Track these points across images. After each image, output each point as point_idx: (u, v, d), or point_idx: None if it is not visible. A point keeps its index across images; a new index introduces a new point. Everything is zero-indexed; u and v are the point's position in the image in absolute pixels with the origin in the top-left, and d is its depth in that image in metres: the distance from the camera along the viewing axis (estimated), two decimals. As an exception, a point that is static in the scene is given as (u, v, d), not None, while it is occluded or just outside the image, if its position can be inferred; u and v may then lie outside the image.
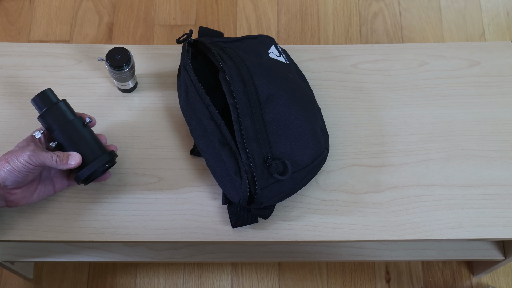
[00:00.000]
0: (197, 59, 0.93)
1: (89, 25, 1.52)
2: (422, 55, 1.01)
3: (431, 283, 1.29)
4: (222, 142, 0.84)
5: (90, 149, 0.83)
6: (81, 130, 0.84)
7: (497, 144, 0.94)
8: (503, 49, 1.02)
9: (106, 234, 0.88)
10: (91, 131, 0.86)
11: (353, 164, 0.93)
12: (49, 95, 0.84)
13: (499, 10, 1.57)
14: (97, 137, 0.86)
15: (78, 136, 0.83)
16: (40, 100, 0.84)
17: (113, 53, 0.90)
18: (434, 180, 0.92)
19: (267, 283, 1.29)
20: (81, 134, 0.84)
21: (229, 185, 0.84)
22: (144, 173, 0.92)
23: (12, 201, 0.82)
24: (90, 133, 0.85)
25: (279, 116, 0.85)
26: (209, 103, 0.85)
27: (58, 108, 0.84)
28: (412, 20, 1.55)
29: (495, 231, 0.89)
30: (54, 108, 0.83)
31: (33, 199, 0.84)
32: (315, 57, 1.01)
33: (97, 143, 0.85)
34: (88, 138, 0.84)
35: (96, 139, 0.86)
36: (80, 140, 0.83)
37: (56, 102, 0.84)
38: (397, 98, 0.98)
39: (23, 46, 1.01)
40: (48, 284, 1.28)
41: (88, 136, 0.84)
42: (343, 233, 0.88)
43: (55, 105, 0.84)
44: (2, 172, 0.78)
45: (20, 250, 1.10)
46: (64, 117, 0.83)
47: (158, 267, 1.29)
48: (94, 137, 0.85)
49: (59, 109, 0.84)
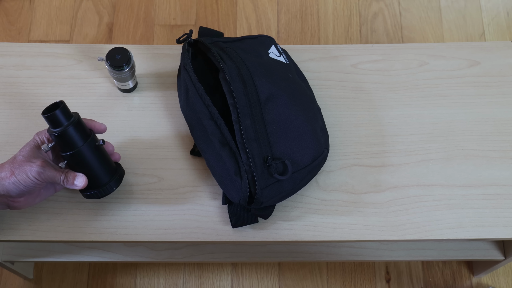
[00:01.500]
0: (197, 59, 0.93)
1: (89, 25, 1.52)
2: (422, 55, 1.01)
3: (431, 283, 1.29)
4: (222, 142, 0.84)
5: (99, 174, 0.82)
6: (92, 155, 0.80)
7: (497, 144, 0.94)
8: (503, 49, 1.02)
9: (106, 234, 0.87)
10: (102, 151, 0.83)
11: (353, 164, 0.93)
12: (59, 117, 0.77)
13: (499, 10, 1.57)
14: (108, 158, 0.84)
15: (88, 161, 0.80)
16: (50, 121, 0.77)
17: (113, 53, 0.90)
18: (434, 180, 0.92)
19: (267, 283, 1.29)
20: (92, 159, 0.81)
21: (229, 185, 0.84)
22: (144, 173, 0.92)
23: (15, 206, 0.82)
24: (101, 155, 0.82)
25: (279, 116, 0.85)
26: (209, 103, 0.85)
27: (71, 133, 0.78)
28: (412, 20, 1.54)
29: (495, 231, 0.89)
30: (66, 132, 0.78)
31: (35, 202, 0.84)
32: (315, 57, 1.01)
33: (106, 167, 0.83)
34: (98, 162, 0.81)
35: (106, 160, 0.83)
36: (89, 165, 0.81)
37: (68, 124, 0.77)
38: (397, 98, 0.98)
39: (23, 46, 1.01)
40: (48, 284, 1.28)
41: (98, 160, 0.81)
42: (343, 233, 0.88)
43: (67, 128, 0.77)
44: (6, 183, 0.76)
45: (20, 250, 1.10)
46: (76, 143, 0.79)
47: (158, 267, 1.29)
48: (105, 159, 0.83)
49: (72, 134, 0.78)
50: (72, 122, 0.78)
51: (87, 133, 0.80)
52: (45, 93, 0.97)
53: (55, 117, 0.77)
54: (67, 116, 0.78)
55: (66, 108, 0.78)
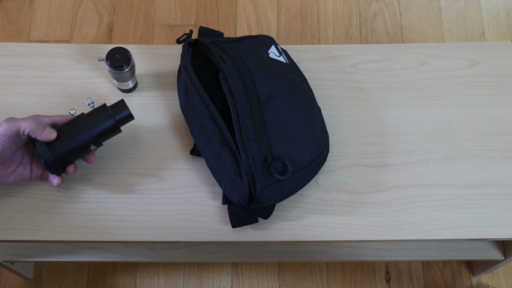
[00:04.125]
0: (197, 59, 0.93)
1: (89, 25, 1.52)
2: (422, 55, 1.01)
3: (431, 283, 1.29)
4: (222, 142, 0.84)
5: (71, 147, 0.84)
6: (81, 135, 0.84)
7: (497, 144, 0.94)
8: (503, 49, 1.02)
9: (106, 234, 0.88)
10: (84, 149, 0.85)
11: (353, 164, 0.93)
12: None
13: (499, 10, 1.57)
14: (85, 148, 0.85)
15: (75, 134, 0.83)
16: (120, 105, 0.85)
17: (113, 53, 0.90)
18: (434, 180, 0.92)
19: (267, 283, 1.29)
20: (78, 136, 0.83)
21: (229, 185, 0.84)
22: (144, 173, 0.92)
23: None
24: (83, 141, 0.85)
25: (279, 116, 0.85)
26: (209, 103, 0.85)
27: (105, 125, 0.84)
28: (412, 20, 1.55)
29: (495, 231, 0.89)
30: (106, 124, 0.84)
31: (9, 180, 0.84)
32: (315, 57, 1.01)
33: (79, 150, 0.85)
34: (78, 142, 0.84)
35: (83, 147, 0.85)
36: (72, 136, 0.83)
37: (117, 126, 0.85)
38: (397, 98, 0.98)
39: (23, 46, 1.01)
40: (48, 284, 1.28)
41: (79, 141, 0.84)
42: (343, 233, 0.88)
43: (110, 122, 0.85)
44: None
45: (20, 250, 1.10)
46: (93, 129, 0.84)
47: (158, 267, 1.29)
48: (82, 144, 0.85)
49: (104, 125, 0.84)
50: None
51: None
52: (45, 93, 0.97)
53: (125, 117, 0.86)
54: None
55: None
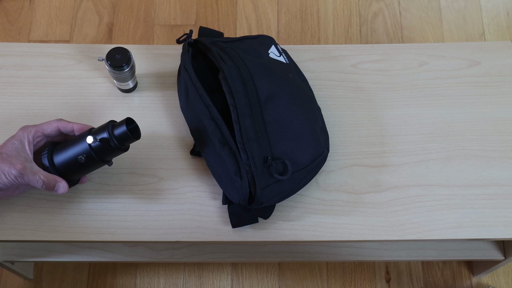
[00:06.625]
0: (197, 59, 0.93)
1: (89, 25, 1.52)
2: (422, 55, 1.01)
3: (431, 283, 1.29)
4: (222, 142, 0.84)
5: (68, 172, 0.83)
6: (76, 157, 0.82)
7: (497, 144, 0.94)
8: (503, 49, 1.02)
9: (106, 234, 0.87)
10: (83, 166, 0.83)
11: (353, 164, 0.93)
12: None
13: (499, 10, 1.57)
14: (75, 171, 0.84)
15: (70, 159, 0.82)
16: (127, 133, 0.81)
17: (113, 53, 0.90)
18: (434, 180, 0.92)
19: (267, 283, 1.29)
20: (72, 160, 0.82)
21: (229, 185, 0.84)
22: (144, 173, 0.92)
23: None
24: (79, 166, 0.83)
25: (279, 116, 0.85)
26: (209, 103, 0.85)
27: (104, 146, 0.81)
28: (412, 20, 1.54)
29: (495, 231, 0.89)
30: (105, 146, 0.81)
31: (14, 195, 0.85)
32: (315, 57, 1.01)
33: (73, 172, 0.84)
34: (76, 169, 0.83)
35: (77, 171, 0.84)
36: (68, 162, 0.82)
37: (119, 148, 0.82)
38: (397, 98, 0.98)
39: (23, 46, 1.01)
40: (48, 284, 1.28)
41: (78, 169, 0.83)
42: (343, 233, 0.88)
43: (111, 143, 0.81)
44: None
45: (20, 250, 1.10)
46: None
47: (158, 267, 1.29)
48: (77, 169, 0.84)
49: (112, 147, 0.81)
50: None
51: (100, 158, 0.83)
52: (45, 93, 0.97)
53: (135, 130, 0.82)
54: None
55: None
